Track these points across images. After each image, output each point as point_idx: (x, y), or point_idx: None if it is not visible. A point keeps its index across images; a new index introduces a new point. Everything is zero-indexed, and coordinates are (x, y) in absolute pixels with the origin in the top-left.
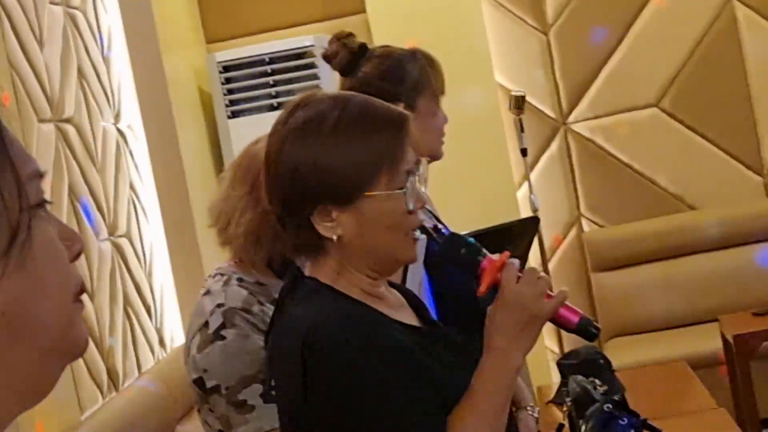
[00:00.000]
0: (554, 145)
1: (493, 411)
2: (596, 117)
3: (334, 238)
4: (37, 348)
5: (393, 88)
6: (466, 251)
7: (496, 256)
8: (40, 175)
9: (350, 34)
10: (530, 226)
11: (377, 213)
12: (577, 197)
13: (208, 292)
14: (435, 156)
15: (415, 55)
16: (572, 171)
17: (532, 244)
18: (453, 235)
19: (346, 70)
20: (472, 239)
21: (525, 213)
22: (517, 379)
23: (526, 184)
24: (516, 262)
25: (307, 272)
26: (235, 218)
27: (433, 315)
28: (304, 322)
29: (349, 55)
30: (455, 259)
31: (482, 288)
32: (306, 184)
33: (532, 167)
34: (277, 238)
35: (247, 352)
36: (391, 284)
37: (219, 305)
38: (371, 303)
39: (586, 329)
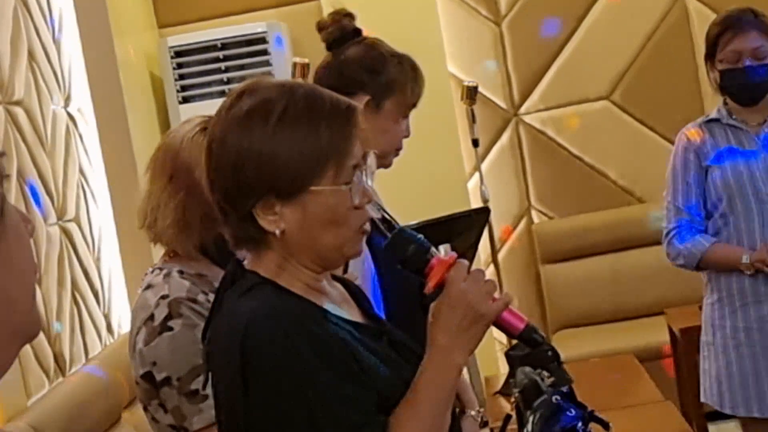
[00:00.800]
0: (505, 137)
1: (435, 411)
2: (547, 109)
3: (277, 232)
4: (5, 327)
5: (366, 79)
6: (414, 250)
7: (443, 252)
8: (2, 154)
9: (350, 15)
10: (480, 217)
11: (322, 208)
12: (527, 188)
13: (149, 287)
14: (383, 163)
15: (402, 58)
16: (523, 162)
17: (482, 235)
18: (400, 231)
19: (331, 45)
20: (420, 236)
21: (475, 203)
22: (463, 380)
23: (476, 175)
24: (465, 262)
25: (247, 265)
26: (160, 212)
27: (379, 310)
28: (244, 317)
29: (340, 33)
30: (402, 258)
31: (430, 286)
32: (249, 176)
33: (483, 158)
34: (204, 220)
35: (196, 342)
36: (335, 277)
37: (163, 296)
38: (314, 298)
39: (530, 336)
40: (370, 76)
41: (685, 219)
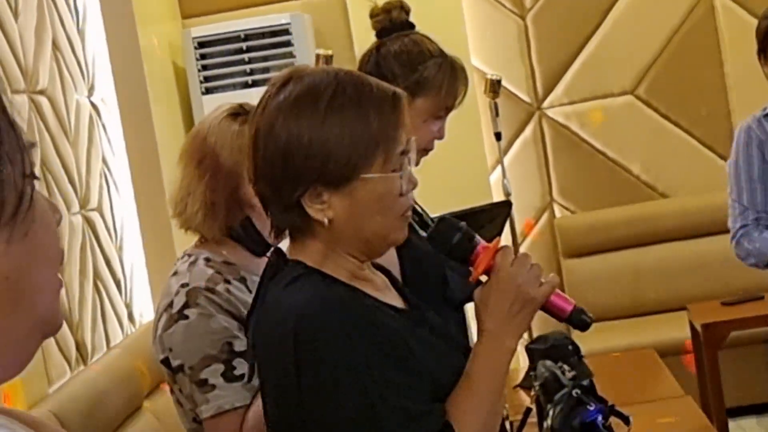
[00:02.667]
0: (528, 130)
1: (491, 395)
2: (571, 103)
3: (325, 221)
4: (32, 317)
5: (399, 72)
6: (460, 237)
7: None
8: (33, 145)
9: (403, 7)
10: (502, 211)
11: (371, 196)
12: (549, 182)
13: (175, 273)
14: None
15: (445, 58)
16: (546, 156)
17: (503, 229)
18: (444, 219)
19: (379, 34)
20: (463, 224)
21: (497, 197)
22: None
23: (499, 168)
24: (511, 248)
25: (288, 254)
26: (190, 198)
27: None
28: (294, 308)
29: (388, 23)
30: (448, 246)
31: (477, 272)
32: (298, 164)
33: (505, 151)
34: (229, 203)
35: (210, 332)
36: (374, 265)
37: (183, 285)
38: (360, 286)
39: (579, 318)
40: (404, 71)
41: (752, 218)
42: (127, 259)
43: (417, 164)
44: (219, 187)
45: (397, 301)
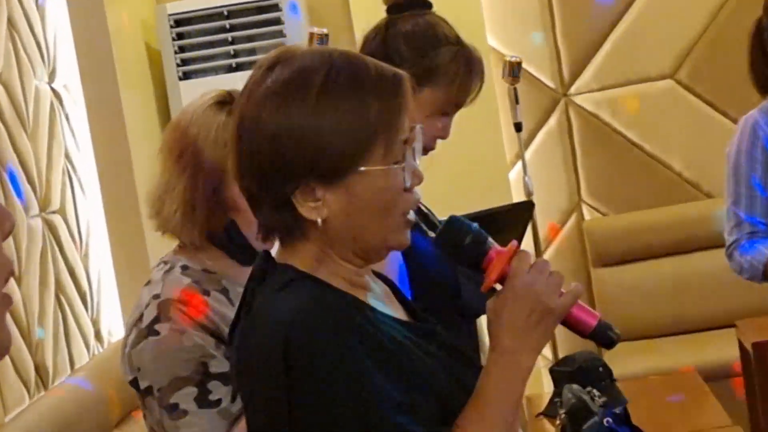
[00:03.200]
0: (553, 120)
1: (503, 421)
2: (602, 88)
3: (319, 220)
4: None
5: (409, 55)
6: (471, 240)
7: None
8: None
9: None
10: (523, 213)
11: (371, 191)
12: (577, 180)
13: (148, 283)
14: None
15: (461, 47)
16: (573, 150)
17: (525, 234)
18: (454, 220)
19: (390, 9)
20: (475, 225)
21: (518, 197)
22: None
23: (519, 164)
24: (529, 252)
25: (277, 258)
26: (168, 196)
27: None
28: (285, 318)
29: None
30: (457, 249)
31: (489, 282)
32: (288, 157)
33: (527, 144)
34: (211, 203)
35: (183, 350)
36: (375, 273)
37: (155, 296)
38: (358, 294)
39: (604, 334)
40: (413, 54)
41: (747, 231)
42: (94, 269)
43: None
44: (200, 186)
45: (400, 313)
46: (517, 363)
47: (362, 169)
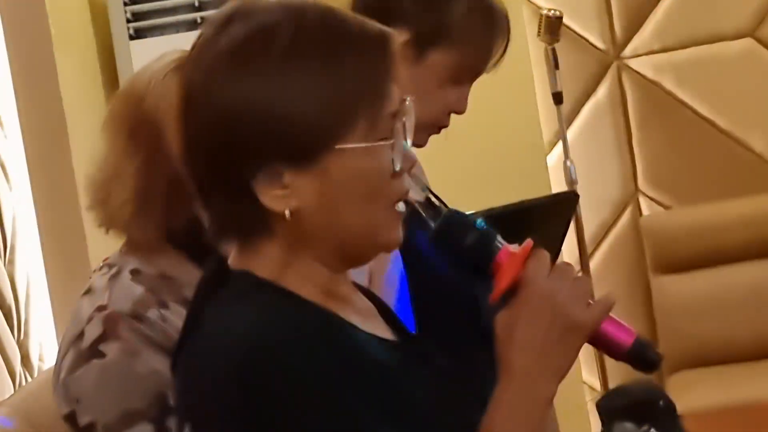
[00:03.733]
0: (602, 90)
1: None
2: (664, 50)
3: (287, 213)
4: None
5: (413, 9)
6: (476, 238)
7: (514, 246)
8: None
9: None
10: (565, 206)
11: (351, 175)
12: (633, 165)
13: (89, 291)
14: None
15: (479, 2)
16: (628, 127)
17: (567, 232)
18: (454, 214)
19: None
20: (480, 220)
21: (558, 187)
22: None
23: (560, 145)
24: (546, 253)
25: (233, 263)
26: (115, 183)
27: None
28: (240, 335)
29: None
30: (458, 252)
31: (498, 290)
32: (246, 135)
33: (569, 121)
34: (170, 194)
35: (135, 377)
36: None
37: (100, 308)
38: (334, 307)
39: (642, 355)
40: (418, 8)
41: None
42: (21, 278)
43: (423, 144)
44: (157, 171)
45: (383, 331)
46: (534, 390)
47: (340, 147)
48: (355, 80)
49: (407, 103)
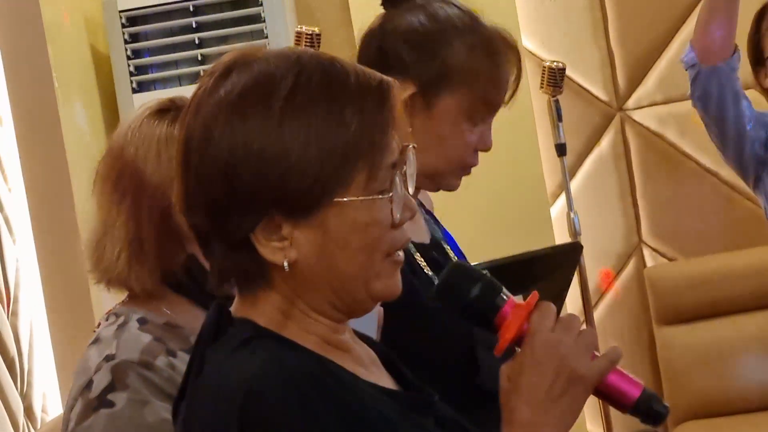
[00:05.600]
0: (606, 141)
1: None
2: (667, 102)
3: (285, 264)
4: None
5: (411, 59)
6: (481, 290)
7: (519, 298)
8: None
9: None
10: (569, 257)
11: (350, 227)
12: (637, 217)
13: (96, 341)
14: (437, 184)
15: (479, 34)
16: (631, 179)
17: (570, 283)
18: (458, 265)
19: (386, 2)
20: (485, 272)
21: (561, 238)
22: None
23: (563, 197)
24: (552, 305)
25: (234, 311)
26: (107, 238)
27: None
28: (241, 383)
29: None
30: (462, 304)
31: (503, 342)
32: (246, 185)
33: (573, 172)
34: (162, 237)
35: (144, 427)
36: (355, 332)
37: (108, 357)
38: (334, 357)
39: (649, 408)
40: (418, 57)
41: None
42: (24, 329)
43: (454, 187)
44: (145, 215)
45: (387, 382)
46: None
47: (339, 200)
48: (354, 132)
49: (408, 152)
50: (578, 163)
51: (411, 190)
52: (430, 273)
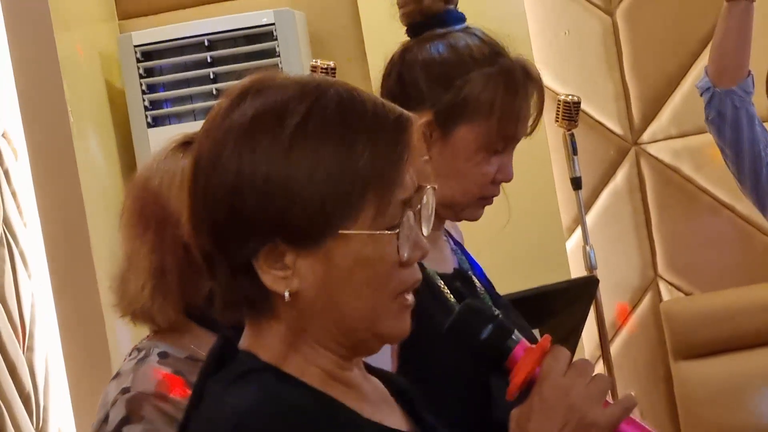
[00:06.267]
0: (621, 175)
1: None
2: (682, 135)
3: (286, 294)
4: None
5: (427, 90)
6: (492, 332)
7: (534, 332)
8: None
9: None
10: (584, 292)
11: (354, 261)
12: (652, 250)
13: (117, 375)
14: (457, 215)
15: (497, 65)
16: (647, 213)
17: (586, 318)
18: (469, 306)
19: (409, 30)
20: (497, 312)
21: (577, 272)
22: None
23: (578, 231)
24: (565, 350)
25: (242, 342)
26: (131, 271)
27: None
28: (230, 417)
29: (420, 16)
30: (473, 345)
31: (514, 386)
32: (250, 210)
33: (588, 206)
34: (185, 269)
35: None
36: (369, 368)
37: (124, 390)
38: (337, 394)
39: None
40: (434, 87)
41: None
42: (40, 365)
43: (476, 217)
44: (168, 246)
45: (396, 420)
46: None
47: (344, 232)
48: (364, 165)
49: (425, 192)
50: (593, 196)
51: (426, 231)
52: (453, 300)
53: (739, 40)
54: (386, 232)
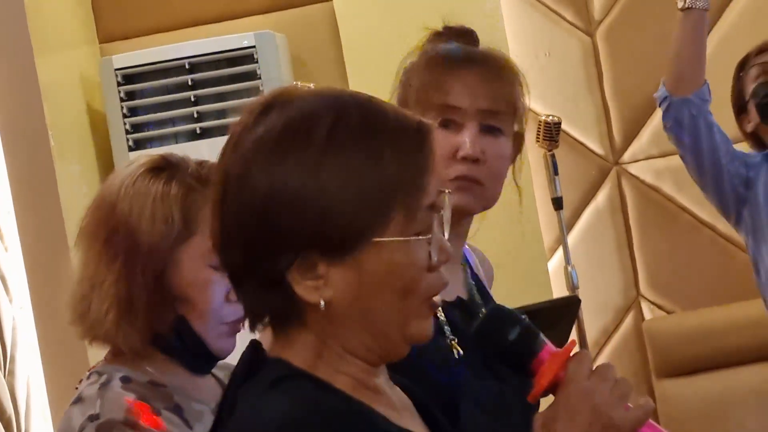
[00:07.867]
0: (602, 194)
1: None
2: (663, 155)
3: (321, 303)
4: None
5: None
6: (520, 334)
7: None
8: None
9: (469, 33)
10: (566, 311)
11: (387, 268)
12: (634, 270)
13: (78, 400)
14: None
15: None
16: (628, 232)
17: (568, 338)
18: (499, 309)
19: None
20: (524, 316)
21: (559, 292)
22: None
23: (560, 251)
24: (589, 354)
25: (269, 350)
26: (96, 293)
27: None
28: (272, 425)
29: None
30: (501, 346)
31: (538, 389)
32: (283, 224)
33: (570, 226)
34: (153, 298)
35: None
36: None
37: (92, 417)
38: (366, 399)
39: None
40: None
41: None
42: (21, 389)
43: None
44: (137, 276)
45: (420, 430)
46: None
47: (377, 240)
48: (393, 173)
49: (445, 196)
50: (575, 216)
51: (446, 234)
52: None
53: (694, 49)
54: (418, 237)
